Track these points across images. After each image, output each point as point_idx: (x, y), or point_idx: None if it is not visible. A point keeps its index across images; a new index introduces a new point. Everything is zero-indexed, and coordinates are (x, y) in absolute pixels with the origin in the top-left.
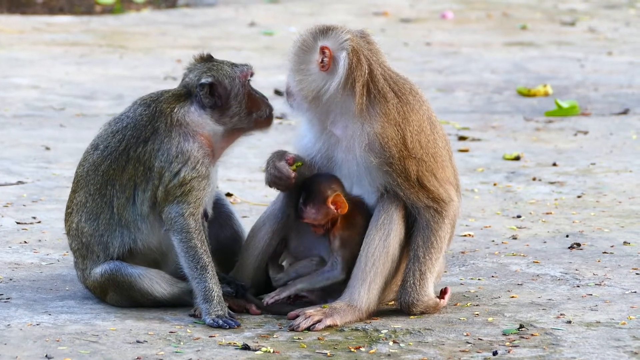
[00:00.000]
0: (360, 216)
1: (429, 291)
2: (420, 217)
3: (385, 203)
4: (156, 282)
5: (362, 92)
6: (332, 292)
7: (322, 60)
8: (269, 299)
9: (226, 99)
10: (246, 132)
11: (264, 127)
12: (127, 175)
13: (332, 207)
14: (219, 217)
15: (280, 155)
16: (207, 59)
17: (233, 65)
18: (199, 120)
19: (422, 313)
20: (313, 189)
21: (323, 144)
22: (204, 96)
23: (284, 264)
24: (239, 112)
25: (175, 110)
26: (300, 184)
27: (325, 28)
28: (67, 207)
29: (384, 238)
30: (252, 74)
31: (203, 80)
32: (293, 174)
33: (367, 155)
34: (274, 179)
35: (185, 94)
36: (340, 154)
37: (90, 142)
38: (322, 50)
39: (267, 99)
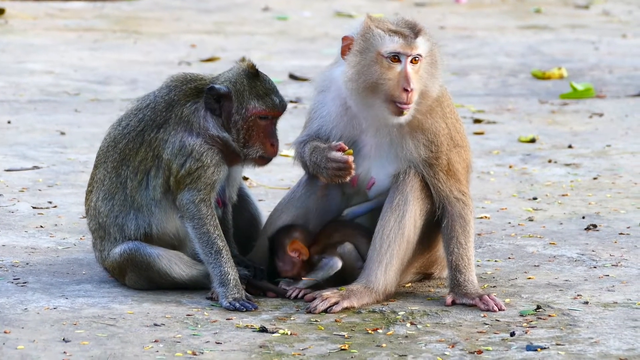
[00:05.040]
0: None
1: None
2: (451, 207)
3: (400, 184)
4: (175, 263)
5: None
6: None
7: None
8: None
9: (227, 116)
10: (243, 162)
11: (255, 163)
12: (139, 158)
13: (294, 254)
14: (237, 201)
15: (324, 148)
16: (254, 73)
17: (258, 96)
18: (204, 123)
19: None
20: (276, 245)
21: (346, 124)
22: (208, 98)
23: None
24: (237, 139)
25: (188, 105)
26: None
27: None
28: (89, 185)
29: (399, 219)
30: (270, 115)
31: (217, 86)
32: (351, 159)
33: (415, 149)
34: (335, 172)
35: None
36: (368, 138)
37: (119, 116)
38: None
39: (271, 143)
